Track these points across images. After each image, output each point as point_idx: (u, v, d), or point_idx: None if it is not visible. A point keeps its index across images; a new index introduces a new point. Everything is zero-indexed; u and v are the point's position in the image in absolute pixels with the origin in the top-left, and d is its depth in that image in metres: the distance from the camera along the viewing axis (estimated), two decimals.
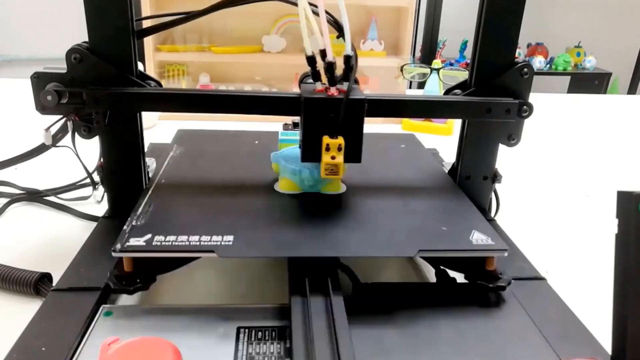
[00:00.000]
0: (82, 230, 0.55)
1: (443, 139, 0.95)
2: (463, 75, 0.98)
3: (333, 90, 0.43)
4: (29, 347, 0.33)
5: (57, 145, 0.48)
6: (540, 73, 2.61)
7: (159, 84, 0.50)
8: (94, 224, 0.51)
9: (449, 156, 0.60)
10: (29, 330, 0.35)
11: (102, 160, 0.49)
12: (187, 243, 0.38)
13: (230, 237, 0.39)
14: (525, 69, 0.49)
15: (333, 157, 0.42)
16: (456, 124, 1.00)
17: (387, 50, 1.10)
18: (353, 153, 0.43)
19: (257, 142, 0.62)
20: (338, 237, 0.40)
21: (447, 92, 0.53)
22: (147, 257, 0.38)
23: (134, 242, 0.38)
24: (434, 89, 1.00)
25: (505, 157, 0.56)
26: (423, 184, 0.52)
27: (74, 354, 0.32)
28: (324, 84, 0.43)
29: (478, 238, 0.41)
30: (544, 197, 0.72)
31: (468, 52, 1.45)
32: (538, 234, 0.60)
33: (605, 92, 2.68)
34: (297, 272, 0.39)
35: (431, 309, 0.38)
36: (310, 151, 0.43)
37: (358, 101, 0.42)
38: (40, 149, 0.54)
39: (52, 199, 0.61)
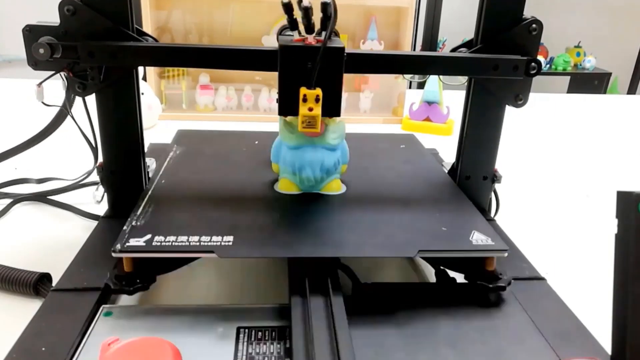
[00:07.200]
0: (82, 230, 0.55)
1: (443, 139, 0.95)
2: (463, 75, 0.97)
3: (311, 40, 0.42)
4: (29, 347, 0.33)
5: (48, 104, 0.47)
6: (540, 73, 2.61)
7: (156, 41, 0.48)
8: (94, 224, 0.51)
9: (449, 156, 0.60)
10: (29, 330, 0.35)
11: (102, 160, 0.49)
12: (187, 243, 0.38)
13: (230, 238, 0.39)
14: (534, 25, 0.46)
15: (310, 109, 0.41)
16: (456, 124, 1.00)
17: (387, 50, 1.10)
18: (332, 106, 0.42)
19: (257, 142, 0.62)
20: (338, 237, 0.40)
21: (452, 51, 0.50)
22: (147, 258, 0.38)
23: (133, 242, 0.38)
24: (434, 89, 1.00)
25: (505, 157, 0.56)
26: (423, 185, 0.52)
27: (74, 354, 0.32)
28: (303, 35, 0.42)
29: (478, 238, 0.41)
30: (544, 198, 0.71)
31: None
32: (538, 234, 0.60)
33: (605, 92, 2.68)
34: (297, 272, 0.39)
35: (431, 309, 0.38)
36: (288, 103, 0.42)
37: (336, 50, 0.41)
38: (38, 137, 0.53)
39: (52, 198, 0.61)
